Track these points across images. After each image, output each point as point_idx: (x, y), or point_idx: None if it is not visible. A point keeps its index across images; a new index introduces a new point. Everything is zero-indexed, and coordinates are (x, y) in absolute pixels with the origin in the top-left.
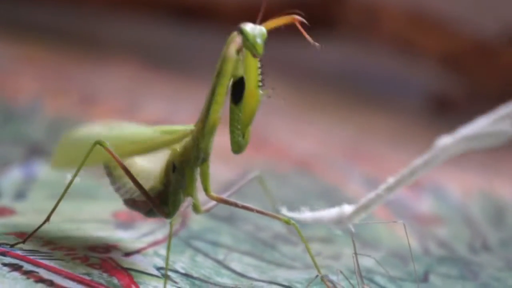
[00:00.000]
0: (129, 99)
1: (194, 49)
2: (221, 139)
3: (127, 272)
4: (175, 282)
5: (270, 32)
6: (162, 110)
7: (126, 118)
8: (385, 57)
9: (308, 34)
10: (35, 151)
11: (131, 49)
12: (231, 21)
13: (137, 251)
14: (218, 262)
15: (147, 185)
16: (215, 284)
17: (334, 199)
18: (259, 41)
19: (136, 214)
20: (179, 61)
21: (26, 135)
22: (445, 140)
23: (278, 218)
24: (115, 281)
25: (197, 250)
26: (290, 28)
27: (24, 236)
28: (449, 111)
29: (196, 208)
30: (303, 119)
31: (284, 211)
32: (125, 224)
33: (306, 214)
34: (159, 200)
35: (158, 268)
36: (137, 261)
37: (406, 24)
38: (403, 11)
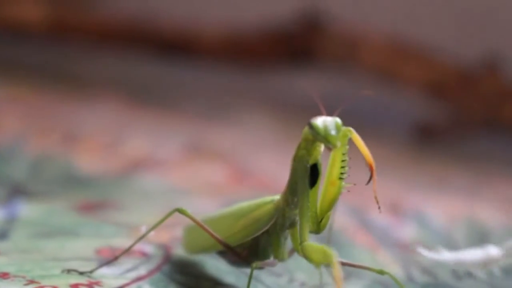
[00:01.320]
0: (113, 135)
1: (177, 83)
2: (205, 172)
3: None
4: None
5: (252, 63)
6: (147, 145)
7: (110, 154)
8: (367, 87)
9: (289, 65)
10: (18, 190)
11: (115, 85)
12: (214, 54)
13: (120, 287)
14: None
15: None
16: None
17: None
18: (333, 133)
19: (119, 251)
20: (162, 95)
21: (8, 175)
22: None
23: (371, 269)
24: None
25: (181, 285)
26: (271, 60)
27: (7, 276)
28: (434, 139)
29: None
30: (286, 150)
31: (423, 251)
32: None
33: (446, 255)
34: (247, 253)
35: None
36: None
37: (388, 53)
38: (384, 40)
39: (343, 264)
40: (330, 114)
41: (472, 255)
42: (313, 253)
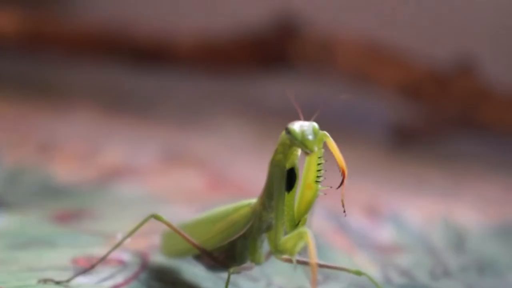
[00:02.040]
0: (89, 144)
1: (152, 90)
2: (182, 179)
3: None
4: None
5: (227, 69)
6: (123, 153)
7: (87, 163)
8: (343, 90)
9: (265, 70)
10: None
11: (90, 94)
12: (189, 61)
13: None
14: None
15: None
16: None
17: None
18: (310, 138)
19: (96, 260)
20: (138, 103)
21: None
22: None
23: (348, 270)
24: None
25: None
26: (246, 65)
27: None
28: (410, 140)
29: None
30: (263, 155)
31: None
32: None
33: None
34: (224, 258)
35: None
36: None
37: (362, 56)
38: (359, 44)
39: (320, 266)
40: (307, 118)
41: None
42: (288, 241)
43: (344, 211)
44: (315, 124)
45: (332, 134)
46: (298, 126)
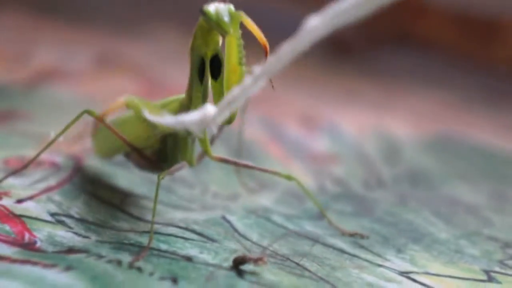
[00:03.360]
0: (19, 48)
1: None
2: (117, 84)
3: (20, 219)
4: (70, 227)
5: None
6: (55, 57)
7: (16, 66)
8: (280, 2)
9: None
10: None
11: None
12: None
13: (30, 198)
14: (114, 206)
15: (145, 144)
16: (111, 229)
17: (232, 142)
18: (225, 19)
19: (27, 161)
20: (70, 7)
21: None
22: (313, 21)
23: (279, 174)
24: (7, 228)
25: (92, 195)
26: None
27: None
28: (347, 53)
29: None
30: None
31: (147, 115)
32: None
33: (168, 119)
34: (156, 157)
35: (52, 214)
36: (30, 208)
37: None
38: None
39: (250, 167)
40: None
41: (191, 116)
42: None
43: (273, 86)
44: (231, 6)
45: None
46: (213, 7)
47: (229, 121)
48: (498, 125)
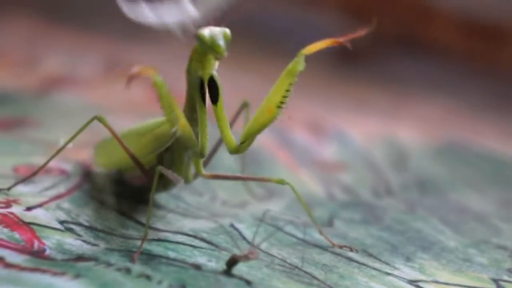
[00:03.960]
0: (28, 53)
1: (96, 1)
2: (124, 90)
3: (29, 226)
4: (79, 235)
5: None
6: (64, 63)
7: (26, 72)
8: (286, 6)
9: None
10: None
11: (31, 3)
12: None
13: (39, 205)
14: (123, 214)
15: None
16: (120, 236)
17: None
18: (220, 43)
19: (36, 168)
20: (79, 13)
21: None
22: None
23: (271, 180)
24: (17, 236)
25: (101, 203)
26: None
27: None
28: (352, 58)
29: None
30: None
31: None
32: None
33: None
34: (152, 173)
35: (61, 222)
36: (39, 215)
37: None
38: None
39: (241, 179)
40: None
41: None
42: None
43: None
44: (226, 30)
45: (275, 51)
46: (207, 31)
47: (238, 150)
48: (506, 131)
